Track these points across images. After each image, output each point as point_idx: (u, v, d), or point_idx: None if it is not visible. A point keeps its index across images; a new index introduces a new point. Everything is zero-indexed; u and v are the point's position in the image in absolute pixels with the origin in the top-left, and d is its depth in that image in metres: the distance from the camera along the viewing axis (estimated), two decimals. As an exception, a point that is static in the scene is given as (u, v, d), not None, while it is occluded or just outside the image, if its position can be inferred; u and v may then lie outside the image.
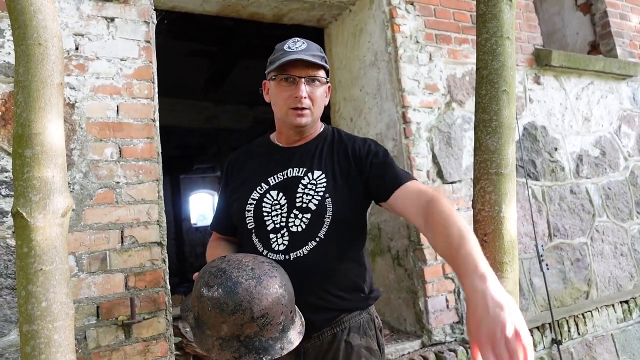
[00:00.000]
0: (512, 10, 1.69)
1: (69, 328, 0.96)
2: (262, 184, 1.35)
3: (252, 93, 6.94)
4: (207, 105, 7.21)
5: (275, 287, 1.05)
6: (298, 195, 1.30)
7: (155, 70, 2.14)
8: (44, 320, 0.93)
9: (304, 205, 1.29)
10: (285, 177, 1.35)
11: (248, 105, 7.53)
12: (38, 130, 0.99)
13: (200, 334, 1.06)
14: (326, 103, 1.40)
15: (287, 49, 1.29)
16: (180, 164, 11.28)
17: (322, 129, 1.43)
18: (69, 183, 1.68)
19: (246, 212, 1.34)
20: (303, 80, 1.27)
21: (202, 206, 15.04)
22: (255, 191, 1.35)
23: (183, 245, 11.46)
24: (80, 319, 1.78)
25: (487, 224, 1.48)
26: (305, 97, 1.28)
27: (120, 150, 1.98)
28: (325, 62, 1.33)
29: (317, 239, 1.27)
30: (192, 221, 13.70)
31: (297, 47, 1.29)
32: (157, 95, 2.12)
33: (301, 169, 1.34)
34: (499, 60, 1.59)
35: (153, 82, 2.11)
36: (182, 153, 10.68)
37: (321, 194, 1.29)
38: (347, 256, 1.31)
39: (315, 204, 1.28)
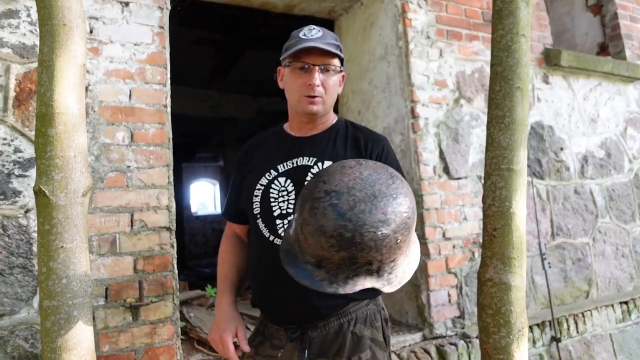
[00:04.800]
0: (528, 7, 1.68)
1: (88, 305, 0.98)
2: (271, 171, 1.37)
3: (257, 83, 6.96)
4: (212, 94, 7.20)
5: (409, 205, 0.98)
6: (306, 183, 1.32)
7: (168, 56, 2.14)
8: (64, 297, 0.94)
9: None
10: (295, 165, 1.36)
11: (252, 96, 7.52)
12: (61, 109, 1.00)
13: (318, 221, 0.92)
14: (340, 92, 1.41)
15: (303, 37, 1.29)
16: (182, 151, 11.28)
17: (334, 121, 1.44)
18: (81, 165, 1.69)
19: (253, 197, 1.36)
20: (317, 68, 1.28)
21: (203, 195, 15.06)
22: (264, 177, 1.37)
23: (183, 233, 11.50)
24: (88, 300, 1.80)
25: (496, 219, 1.50)
26: (318, 85, 1.29)
27: (132, 135, 1.99)
28: (340, 51, 1.34)
29: None
30: (193, 210, 13.73)
31: (313, 35, 1.29)
32: (169, 82, 2.12)
33: (311, 159, 1.35)
34: (514, 57, 1.59)
35: (166, 68, 2.11)
36: (185, 141, 10.68)
37: None
38: None
39: None
